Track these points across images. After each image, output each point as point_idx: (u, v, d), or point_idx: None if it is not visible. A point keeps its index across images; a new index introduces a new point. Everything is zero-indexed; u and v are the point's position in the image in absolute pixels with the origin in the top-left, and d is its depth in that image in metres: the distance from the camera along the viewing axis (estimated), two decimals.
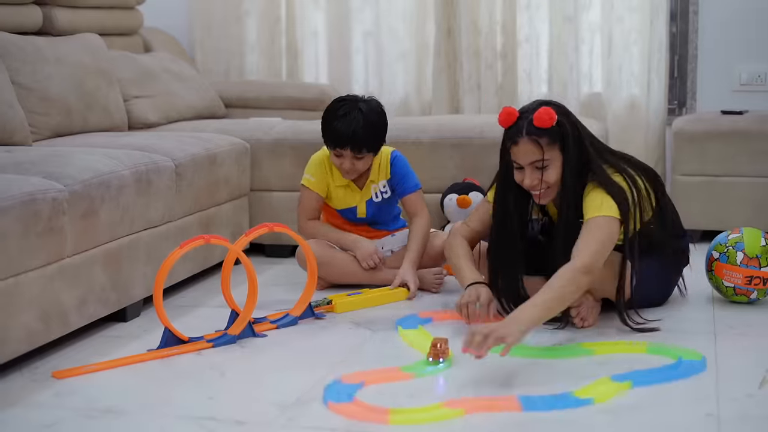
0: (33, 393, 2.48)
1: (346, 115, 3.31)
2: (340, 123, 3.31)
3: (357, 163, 3.35)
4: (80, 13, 4.33)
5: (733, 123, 4.17)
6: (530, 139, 2.82)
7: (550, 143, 2.82)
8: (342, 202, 3.48)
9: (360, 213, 3.50)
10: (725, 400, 2.34)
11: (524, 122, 2.83)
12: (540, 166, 2.84)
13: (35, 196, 2.59)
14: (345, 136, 3.30)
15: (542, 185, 2.87)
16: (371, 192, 3.47)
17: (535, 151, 2.83)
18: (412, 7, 5.02)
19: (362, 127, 3.30)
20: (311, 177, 3.45)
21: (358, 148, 3.32)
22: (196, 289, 3.54)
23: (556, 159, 2.85)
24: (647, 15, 4.69)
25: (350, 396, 2.40)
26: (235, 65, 5.26)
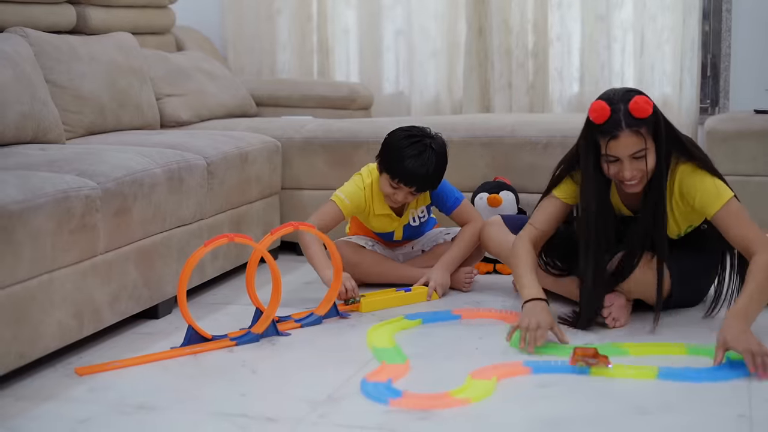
0: (67, 388, 2.50)
1: (420, 155, 3.23)
2: (415, 163, 3.22)
3: (409, 198, 3.33)
4: (113, 12, 4.36)
5: (765, 122, 4.13)
6: (632, 131, 2.73)
7: (649, 132, 2.77)
8: (380, 227, 3.47)
9: (396, 236, 3.51)
10: (758, 401, 2.33)
11: (620, 114, 2.74)
12: (641, 155, 2.76)
13: (69, 194, 2.61)
14: (418, 177, 3.24)
15: (638, 175, 2.78)
16: (409, 218, 3.48)
17: (638, 141, 2.75)
18: (444, 5, 5.02)
19: (435, 169, 3.26)
20: (346, 200, 3.35)
21: (426, 189, 3.33)
22: (227, 287, 3.56)
23: (652, 146, 2.78)
24: (680, 13, 4.66)
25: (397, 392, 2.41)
26: (266, 64, 5.28)
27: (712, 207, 2.80)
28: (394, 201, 3.34)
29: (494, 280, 3.54)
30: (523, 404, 2.36)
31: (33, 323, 2.50)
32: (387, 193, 3.33)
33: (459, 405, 2.35)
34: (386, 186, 3.31)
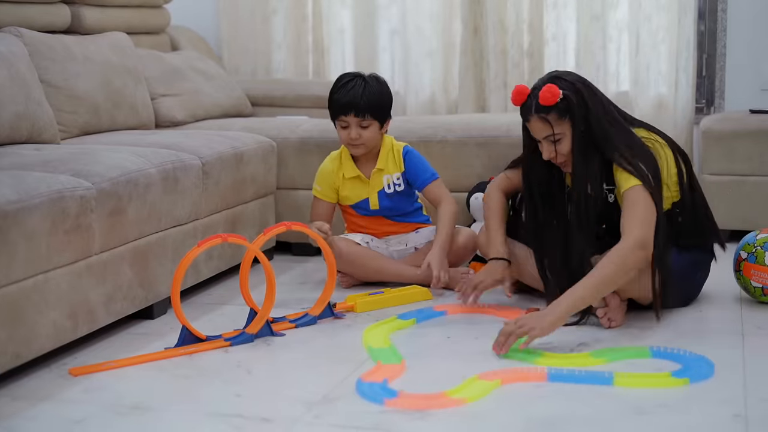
0: (62, 389, 2.49)
1: (347, 84, 3.41)
2: (342, 91, 3.40)
3: (363, 133, 3.39)
4: (108, 11, 4.35)
5: (761, 122, 4.14)
6: (539, 117, 2.90)
7: (559, 118, 2.89)
8: (354, 195, 3.51)
9: (372, 205, 3.51)
10: (753, 401, 2.33)
11: (532, 101, 2.91)
12: (553, 140, 2.92)
13: (63, 194, 2.60)
14: (347, 102, 3.37)
15: (559, 157, 2.94)
16: (383, 182, 3.48)
17: (545, 127, 2.91)
18: (439, 5, 5.02)
19: (363, 92, 3.38)
20: (318, 186, 3.53)
21: (362, 113, 3.37)
22: (222, 287, 3.55)
23: (568, 131, 2.91)
24: (675, 13, 4.67)
25: (393, 392, 2.42)
26: (261, 63, 5.27)
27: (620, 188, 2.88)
28: (351, 140, 3.40)
29: None
30: (520, 404, 2.35)
31: (28, 323, 2.50)
32: (344, 139, 3.43)
33: (455, 405, 2.35)
34: (341, 132, 3.44)
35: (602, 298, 2.90)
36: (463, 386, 2.44)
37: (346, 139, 3.42)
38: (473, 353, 2.72)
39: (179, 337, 2.82)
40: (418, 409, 2.33)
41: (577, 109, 2.88)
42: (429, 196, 3.50)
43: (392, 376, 2.53)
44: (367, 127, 3.40)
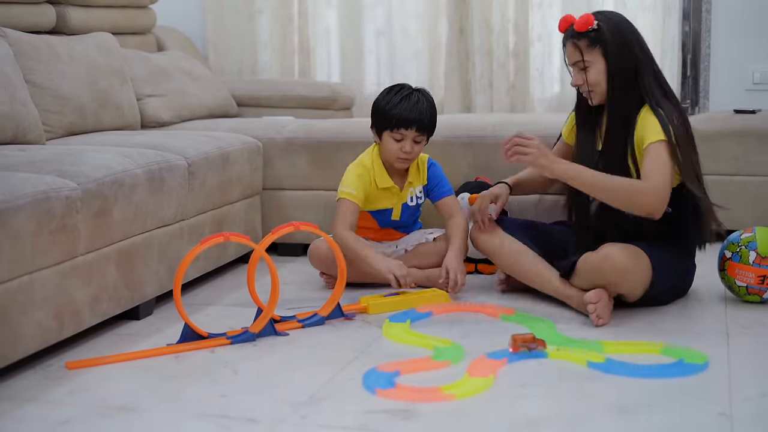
0: (47, 390, 2.49)
1: (409, 97, 3.36)
2: (406, 104, 3.34)
3: (416, 148, 3.37)
4: (93, 12, 4.34)
5: (746, 122, 4.15)
6: (571, 42, 3.07)
7: (589, 46, 3.03)
8: (380, 204, 3.47)
9: (394, 216, 3.50)
10: (738, 400, 2.34)
11: (571, 27, 3.07)
12: (582, 67, 3.05)
13: (49, 195, 2.60)
14: (413, 115, 3.33)
15: (584, 86, 3.08)
16: (408, 196, 3.48)
17: (575, 53, 3.06)
18: (425, 5, 5.03)
19: (427, 108, 3.37)
20: (352, 190, 3.38)
21: (424, 128, 3.35)
22: (209, 287, 3.55)
23: (597, 62, 3.04)
24: (660, 14, 4.69)
25: (392, 382, 2.45)
26: (247, 64, 5.27)
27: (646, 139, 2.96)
28: (404, 154, 3.36)
29: (476, 280, 3.55)
30: (505, 404, 2.36)
31: (13, 325, 2.49)
32: (394, 152, 3.36)
33: (442, 400, 2.36)
34: (391, 144, 3.36)
35: (592, 295, 2.91)
36: (458, 383, 2.46)
37: (397, 152, 3.36)
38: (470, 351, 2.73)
39: (181, 333, 2.83)
40: (405, 401, 2.35)
41: (610, 42, 3.00)
42: (443, 209, 3.49)
43: (411, 369, 2.57)
44: (419, 143, 3.38)
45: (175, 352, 2.76)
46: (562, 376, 2.54)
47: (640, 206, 2.94)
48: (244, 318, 3.04)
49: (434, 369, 2.60)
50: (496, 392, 2.43)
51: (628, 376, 2.51)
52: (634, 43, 3.04)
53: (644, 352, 2.68)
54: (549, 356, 2.65)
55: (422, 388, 2.44)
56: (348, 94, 4.95)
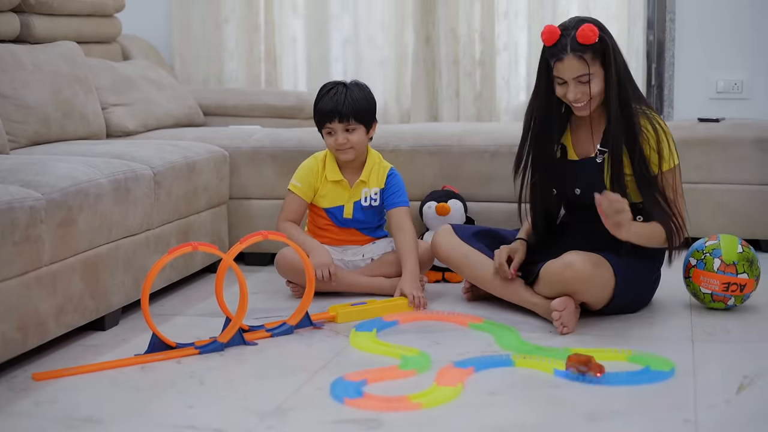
0: (12, 402, 2.46)
1: (329, 91, 3.45)
2: (326, 98, 3.44)
3: (350, 137, 3.41)
4: (58, 20, 4.32)
5: (709, 130, 4.19)
6: (575, 55, 2.94)
7: (594, 58, 2.95)
8: (330, 200, 3.50)
9: (346, 213, 3.51)
10: (703, 407, 2.36)
11: (567, 39, 2.95)
12: (585, 80, 2.95)
13: (12, 205, 2.58)
14: (330, 109, 3.40)
15: (583, 97, 2.97)
16: (361, 194, 3.49)
17: (581, 66, 2.94)
18: (391, 15, 5.04)
19: (346, 97, 3.41)
20: (298, 183, 3.51)
21: (346, 118, 3.39)
22: (175, 298, 3.53)
23: (598, 73, 2.97)
24: (625, 23, 4.72)
25: (359, 391, 2.45)
26: (213, 73, 5.26)
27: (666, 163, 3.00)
28: (339, 145, 3.42)
29: (443, 288, 3.55)
30: (473, 412, 2.36)
31: None
32: (331, 145, 3.45)
33: (410, 409, 2.37)
34: (327, 139, 3.47)
35: (558, 303, 2.93)
36: (427, 392, 2.46)
37: (333, 145, 3.44)
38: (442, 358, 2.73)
39: (149, 344, 2.81)
40: (374, 410, 2.35)
41: (611, 50, 2.96)
42: (393, 219, 3.49)
43: (378, 378, 2.57)
44: (353, 131, 3.42)
45: (142, 363, 2.75)
46: (530, 385, 2.55)
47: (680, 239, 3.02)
48: (211, 328, 3.02)
49: (401, 378, 2.60)
50: (464, 401, 2.43)
51: (595, 384, 2.52)
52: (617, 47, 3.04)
53: (612, 359, 2.70)
54: (516, 364, 2.66)
55: (390, 397, 2.44)
56: None
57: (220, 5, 5.21)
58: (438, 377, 2.57)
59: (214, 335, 2.92)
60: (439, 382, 2.53)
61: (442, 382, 2.53)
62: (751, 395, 2.44)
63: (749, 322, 3.09)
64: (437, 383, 2.52)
